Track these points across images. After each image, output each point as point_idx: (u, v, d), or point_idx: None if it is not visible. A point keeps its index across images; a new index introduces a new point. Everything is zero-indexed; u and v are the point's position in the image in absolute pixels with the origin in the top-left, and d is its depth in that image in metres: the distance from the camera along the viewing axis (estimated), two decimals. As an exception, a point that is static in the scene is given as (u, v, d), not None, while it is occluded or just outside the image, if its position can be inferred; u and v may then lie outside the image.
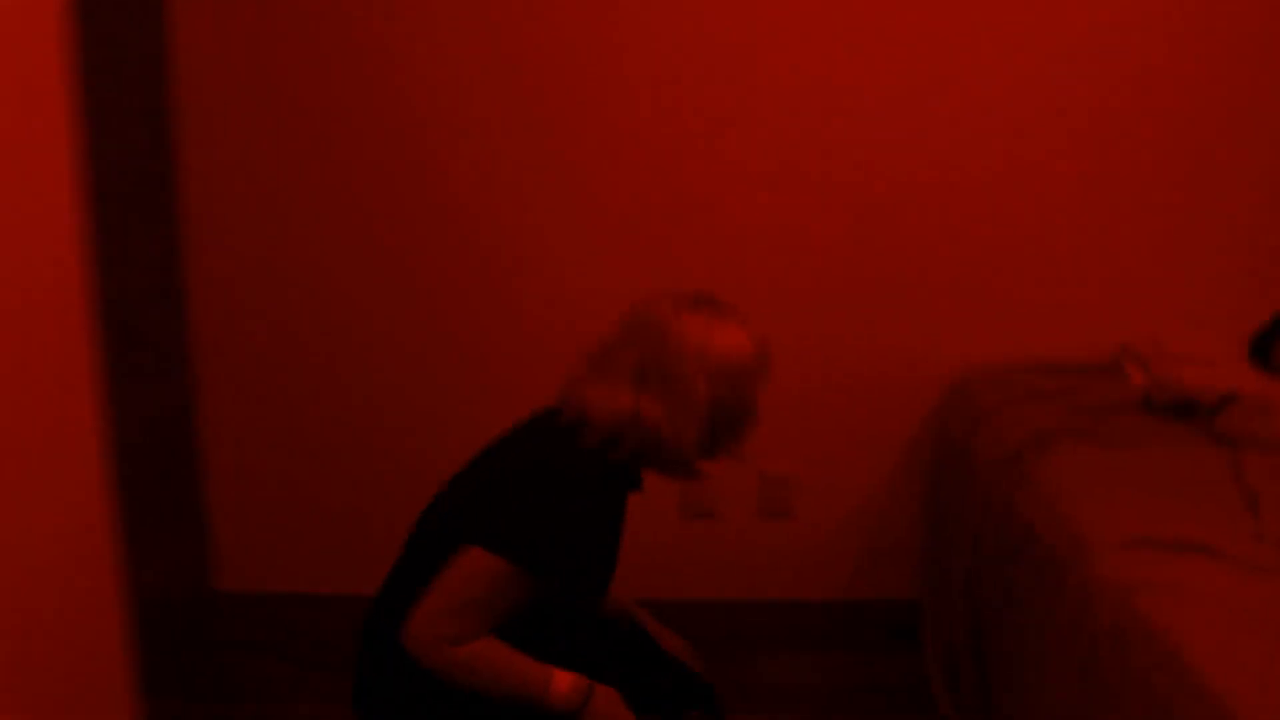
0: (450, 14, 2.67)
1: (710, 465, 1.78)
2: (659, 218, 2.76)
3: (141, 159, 2.70)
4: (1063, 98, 2.68)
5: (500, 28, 2.67)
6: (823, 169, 2.70)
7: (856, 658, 2.77)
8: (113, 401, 1.43)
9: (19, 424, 1.27)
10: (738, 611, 2.93)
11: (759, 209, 2.74)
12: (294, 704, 2.53)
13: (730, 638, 2.85)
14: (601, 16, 2.68)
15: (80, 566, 1.38)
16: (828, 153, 2.70)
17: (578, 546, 1.65)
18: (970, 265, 2.76)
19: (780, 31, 2.66)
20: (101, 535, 1.40)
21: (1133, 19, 2.65)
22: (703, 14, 2.66)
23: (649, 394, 1.67)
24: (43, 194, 1.31)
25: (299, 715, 2.50)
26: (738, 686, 2.60)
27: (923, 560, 2.83)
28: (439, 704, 1.64)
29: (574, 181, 2.75)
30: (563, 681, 1.62)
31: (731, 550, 2.94)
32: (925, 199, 2.73)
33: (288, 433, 2.93)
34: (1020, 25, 2.66)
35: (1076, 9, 2.65)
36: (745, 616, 2.92)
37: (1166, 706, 1.40)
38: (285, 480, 2.95)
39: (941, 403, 2.75)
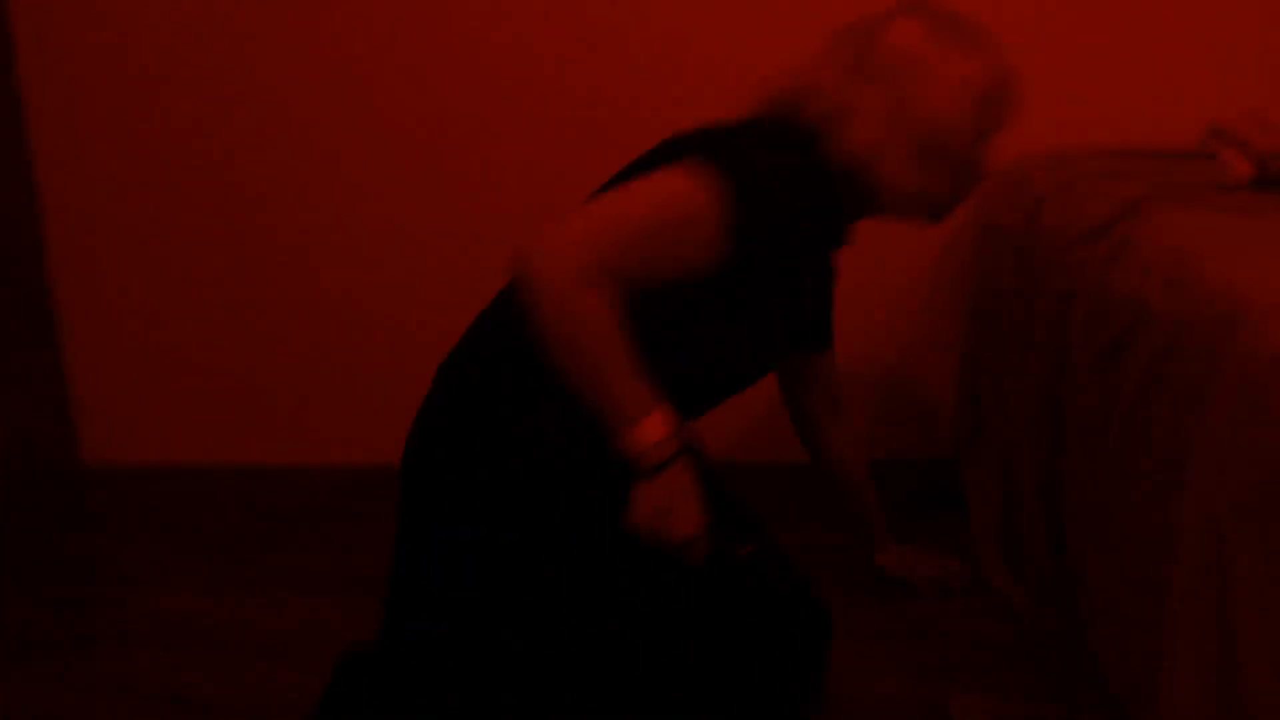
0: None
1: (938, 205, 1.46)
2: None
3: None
4: None
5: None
6: None
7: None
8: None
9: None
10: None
11: None
12: (168, 588, 2.10)
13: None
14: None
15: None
16: None
17: (790, 236, 1.34)
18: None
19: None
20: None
21: None
22: None
23: (872, 86, 1.38)
24: None
25: (175, 601, 2.05)
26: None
27: (962, 407, 2.25)
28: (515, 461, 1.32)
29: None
30: (654, 428, 1.26)
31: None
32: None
33: (155, 289, 2.45)
34: None
35: None
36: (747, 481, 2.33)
37: None
38: (155, 341, 2.48)
39: (982, 201, 2.15)
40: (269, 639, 1.90)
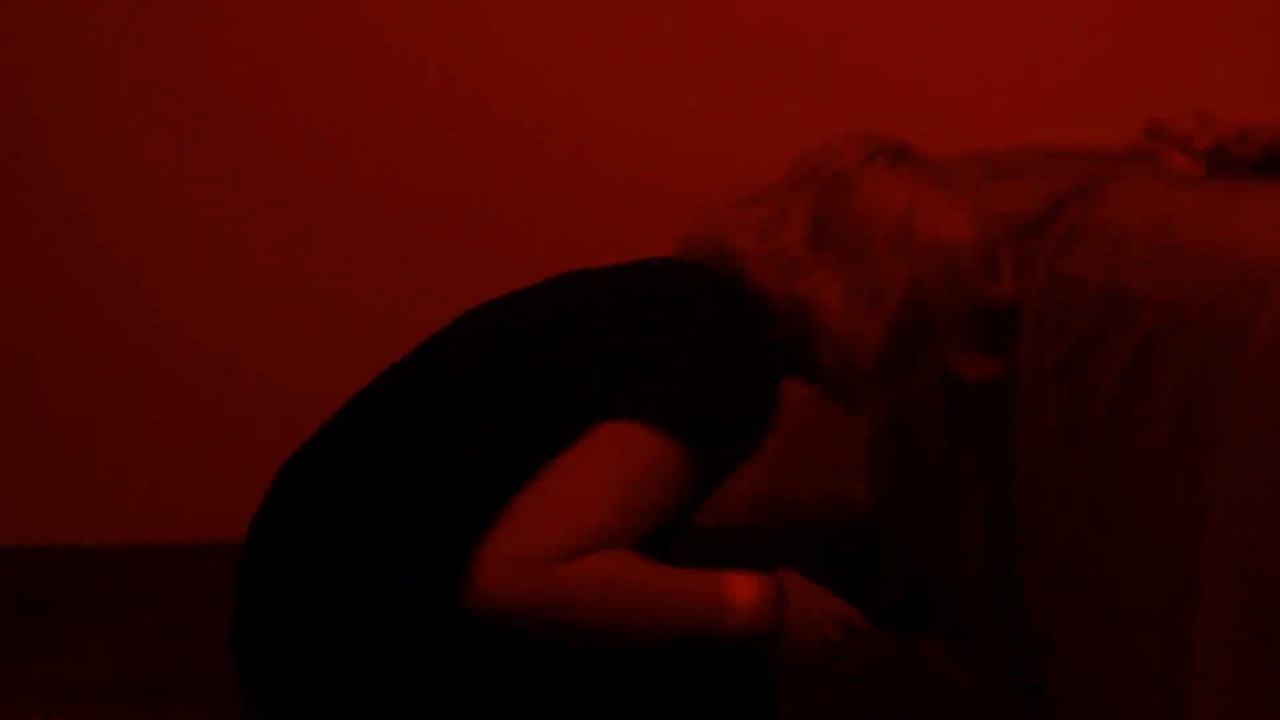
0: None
1: (879, 398, 1.38)
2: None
3: None
4: None
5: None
6: None
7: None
8: None
9: None
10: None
11: None
12: None
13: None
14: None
15: None
16: None
17: (751, 426, 1.20)
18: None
19: None
20: None
21: None
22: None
23: (826, 260, 1.25)
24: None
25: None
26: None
27: (879, 460, 1.93)
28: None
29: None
30: (743, 586, 1.13)
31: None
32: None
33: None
34: None
35: None
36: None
37: None
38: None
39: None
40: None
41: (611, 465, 1.09)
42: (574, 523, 1.06)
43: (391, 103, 1.92)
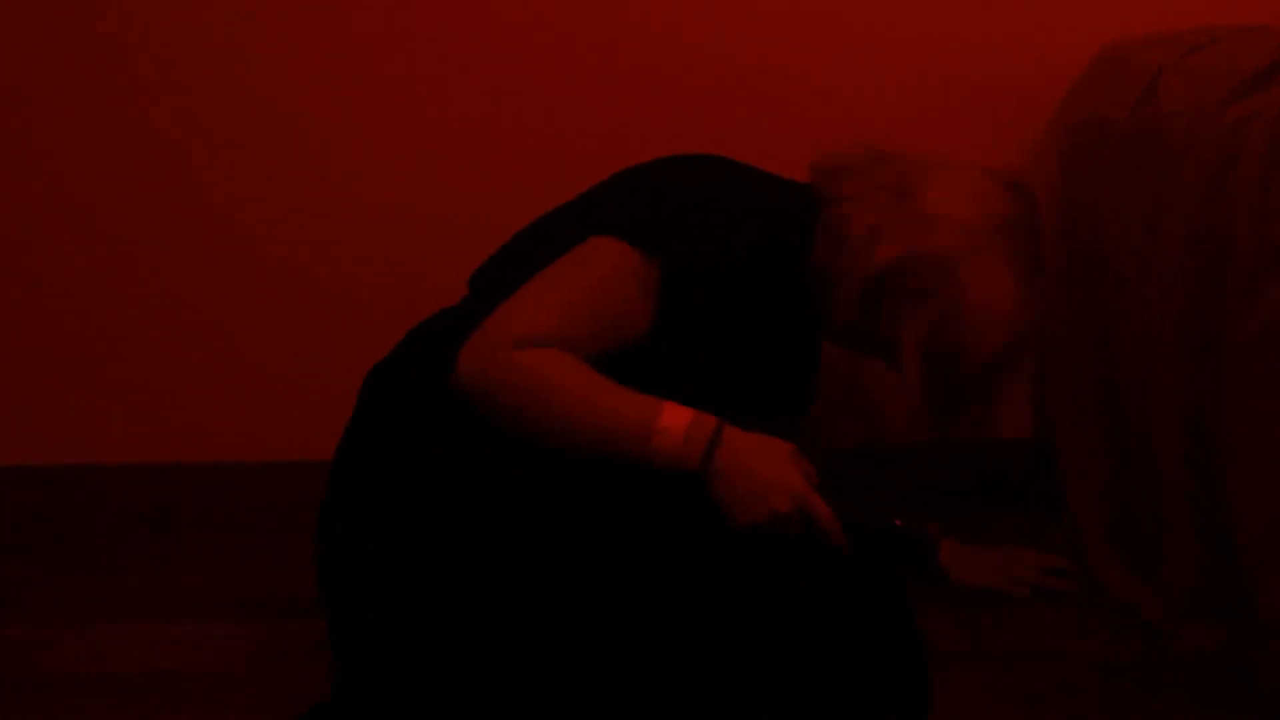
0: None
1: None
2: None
3: None
4: None
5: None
6: None
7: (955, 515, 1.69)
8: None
9: None
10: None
11: None
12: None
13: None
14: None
15: None
16: None
17: (732, 271, 1.23)
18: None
19: None
20: None
21: None
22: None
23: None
24: None
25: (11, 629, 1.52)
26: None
27: (1050, 362, 1.76)
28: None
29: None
30: (678, 415, 1.13)
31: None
32: None
33: None
34: None
35: None
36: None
37: None
38: None
39: (1066, 99, 1.68)
40: (141, 679, 1.40)
41: (579, 271, 1.20)
42: (535, 316, 1.17)
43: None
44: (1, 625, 1.53)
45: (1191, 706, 1.28)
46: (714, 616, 1.06)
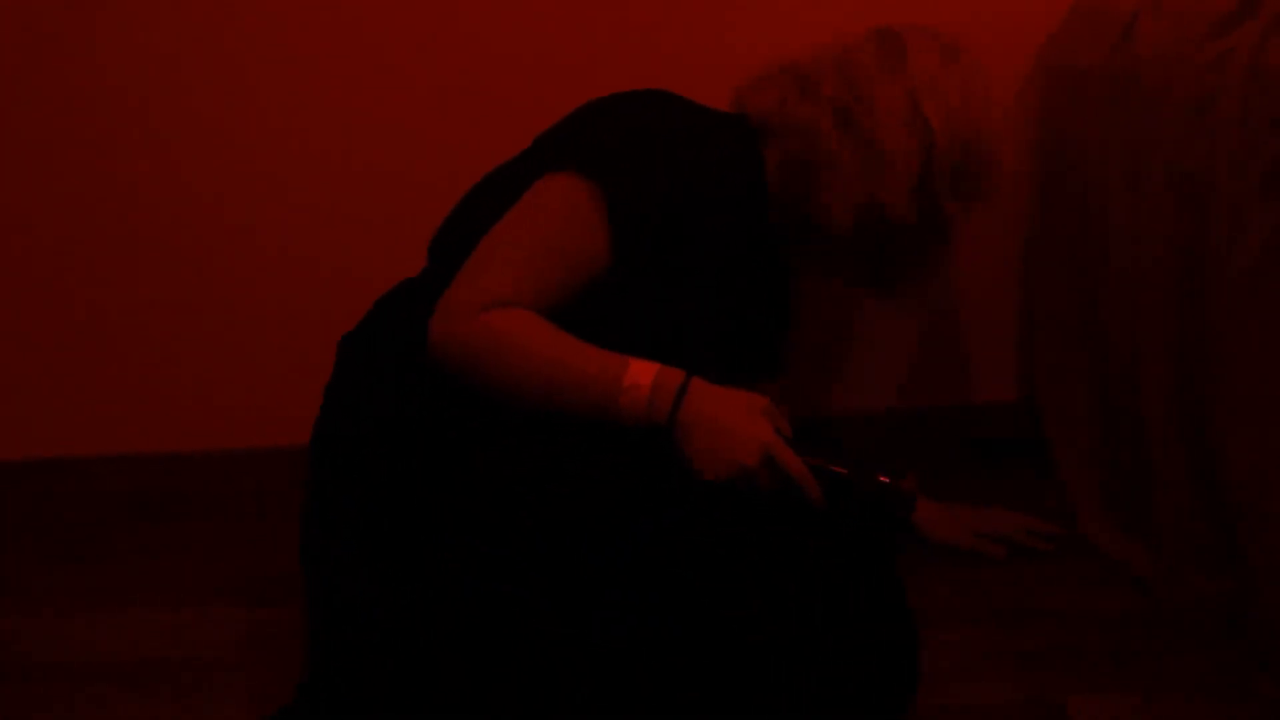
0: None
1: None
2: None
3: None
4: None
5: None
6: None
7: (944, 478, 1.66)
8: None
9: None
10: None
11: None
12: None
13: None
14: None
15: None
16: None
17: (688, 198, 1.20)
18: None
19: None
20: None
21: None
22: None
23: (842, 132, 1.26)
24: None
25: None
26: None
27: (1031, 315, 1.73)
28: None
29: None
30: (643, 371, 1.11)
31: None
32: None
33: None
34: None
35: None
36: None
37: None
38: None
39: (1043, 47, 1.65)
40: (128, 666, 1.37)
41: (533, 215, 1.18)
42: (499, 274, 1.15)
43: None
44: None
45: (1183, 659, 1.26)
46: (703, 622, 1.04)
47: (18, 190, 1.79)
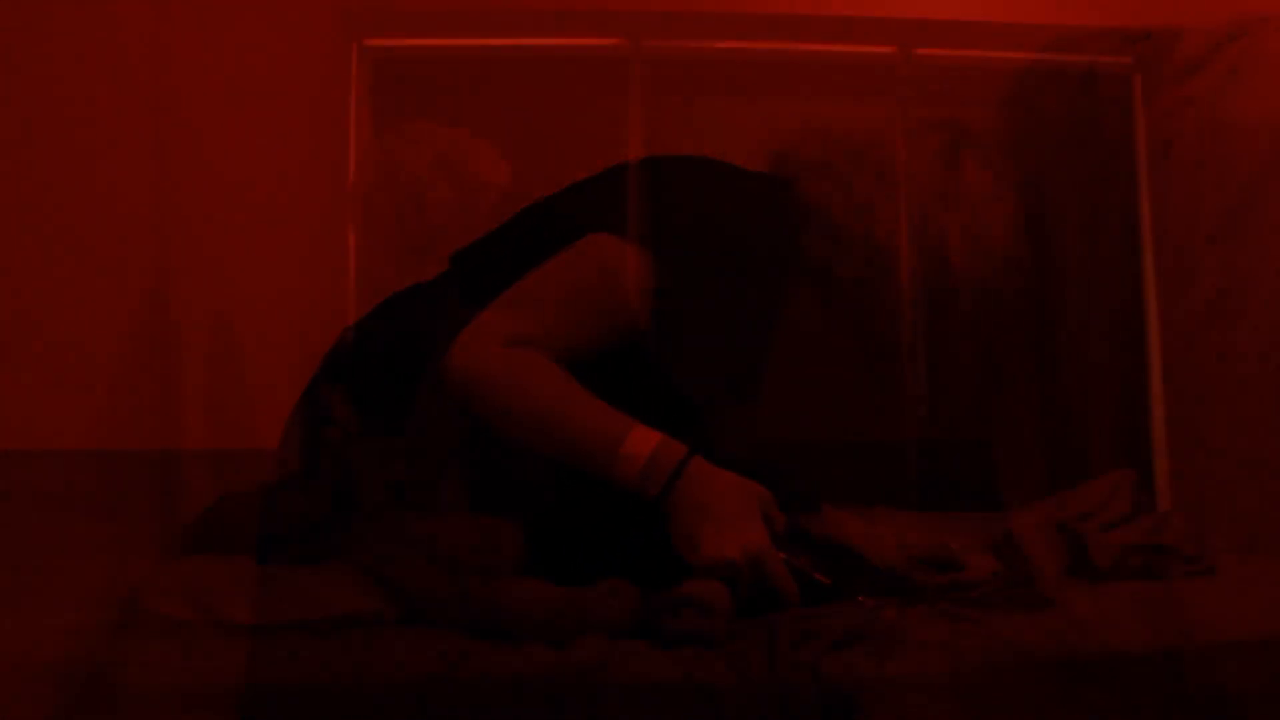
0: None
1: None
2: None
3: None
4: None
5: None
6: None
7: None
8: None
9: None
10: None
11: None
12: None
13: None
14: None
15: None
16: None
17: (726, 275, 1.18)
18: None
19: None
20: None
21: None
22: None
23: None
24: None
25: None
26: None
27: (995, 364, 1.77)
28: None
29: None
30: (643, 441, 1.07)
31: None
32: None
33: None
34: None
35: None
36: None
37: None
38: None
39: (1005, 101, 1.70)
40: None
41: (569, 268, 1.16)
42: (531, 315, 1.14)
43: None
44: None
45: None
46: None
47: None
